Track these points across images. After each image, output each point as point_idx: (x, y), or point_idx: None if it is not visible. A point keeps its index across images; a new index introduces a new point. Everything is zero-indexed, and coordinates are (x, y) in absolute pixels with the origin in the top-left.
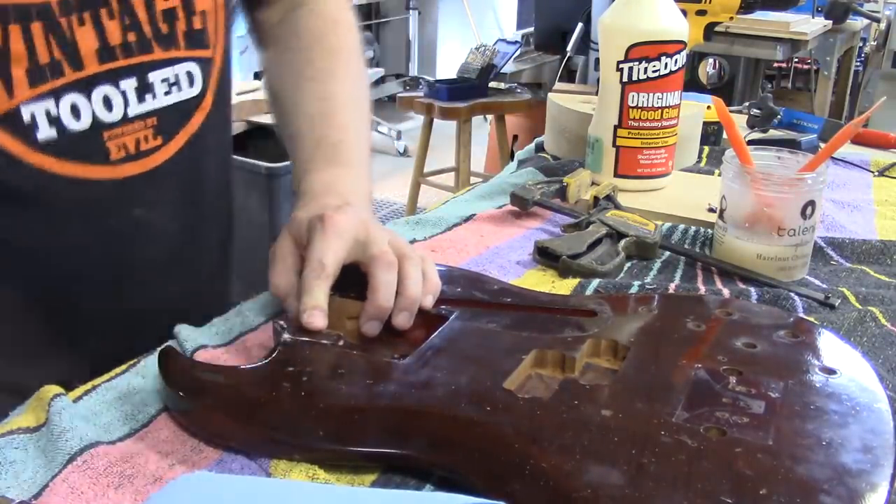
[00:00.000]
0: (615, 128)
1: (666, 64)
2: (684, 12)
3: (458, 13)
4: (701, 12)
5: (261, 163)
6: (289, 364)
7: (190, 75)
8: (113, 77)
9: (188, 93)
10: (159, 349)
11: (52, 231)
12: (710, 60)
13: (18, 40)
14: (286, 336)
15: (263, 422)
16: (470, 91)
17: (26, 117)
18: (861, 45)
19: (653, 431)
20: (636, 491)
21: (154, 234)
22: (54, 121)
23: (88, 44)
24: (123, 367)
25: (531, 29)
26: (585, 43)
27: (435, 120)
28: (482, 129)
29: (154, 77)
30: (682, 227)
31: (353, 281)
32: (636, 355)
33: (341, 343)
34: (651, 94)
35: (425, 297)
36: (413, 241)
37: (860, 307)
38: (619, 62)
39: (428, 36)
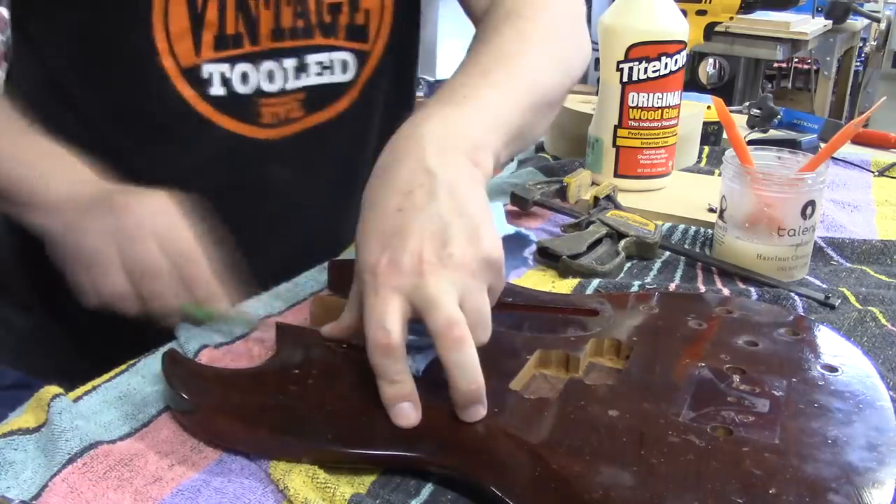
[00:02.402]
0: (615, 128)
1: (666, 64)
2: (684, 12)
3: (458, 13)
4: (701, 12)
5: None
6: (294, 366)
7: (344, 63)
8: (278, 55)
9: (339, 78)
10: (162, 351)
11: (198, 173)
12: (710, 60)
13: (214, 11)
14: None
15: (270, 424)
16: None
17: (205, 74)
18: (861, 45)
19: (661, 431)
20: (647, 492)
21: (276, 190)
22: (226, 82)
23: (267, 24)
24: (123, 366)
25: None
26: None
27: None
28: None
29: (310, 59)
30: (682, 227)
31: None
32: (639, 355)
33: (345, 346)
34: (651, 94)
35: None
36: None
37: (860, 307)
38: (619, 62)
39: (428, 36)
